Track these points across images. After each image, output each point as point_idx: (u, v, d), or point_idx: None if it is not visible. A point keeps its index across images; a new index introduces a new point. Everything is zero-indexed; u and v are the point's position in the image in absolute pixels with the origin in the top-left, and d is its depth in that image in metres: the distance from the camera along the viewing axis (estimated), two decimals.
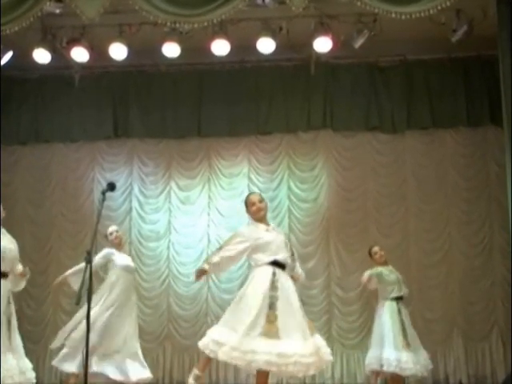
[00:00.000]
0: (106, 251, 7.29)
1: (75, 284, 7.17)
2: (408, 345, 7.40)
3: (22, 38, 7.46)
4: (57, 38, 8.14)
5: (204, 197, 9.42)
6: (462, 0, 6.48)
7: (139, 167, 9.56)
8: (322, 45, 7.94)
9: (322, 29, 7.76)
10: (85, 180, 9.58)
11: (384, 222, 9.08)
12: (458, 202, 9.03)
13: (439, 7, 6.46)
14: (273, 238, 5.74)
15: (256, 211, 5.85)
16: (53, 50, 8.15)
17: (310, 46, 7.95)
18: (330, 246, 9.07)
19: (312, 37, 7.84)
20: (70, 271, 7.26)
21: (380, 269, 7.75)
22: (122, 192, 9.43)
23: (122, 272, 7.26)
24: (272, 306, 5.55)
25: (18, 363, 5.91)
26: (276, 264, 5.65)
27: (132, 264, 7.51)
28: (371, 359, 7.54)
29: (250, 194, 6.23)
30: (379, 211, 9.13)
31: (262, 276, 5.64)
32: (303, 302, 8.92)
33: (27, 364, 6.05)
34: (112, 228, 7.56)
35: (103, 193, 5.22)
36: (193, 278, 5.78)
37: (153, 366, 8.85)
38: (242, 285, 8.88)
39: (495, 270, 8.76)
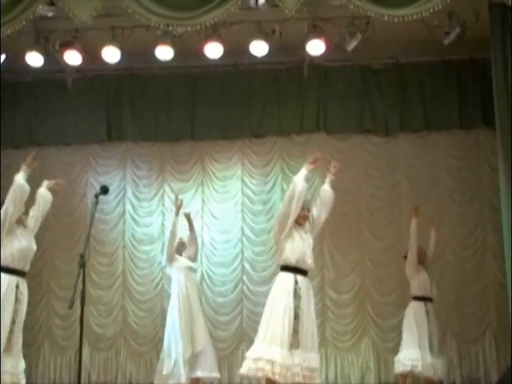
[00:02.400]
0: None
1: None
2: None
3: (14, 42, 7.44)
4: (50, 42, 8.11)
5: (197, 200, 9.42)
6: (454, 3, 6.48)
7: (132, 170, 9.56)
8: (315, 47, 7.93)
9: (315, 32, 7.76)
10: (78, 183, 9.56)
11: (377, 224, 9.09)
12: (451, 205, 9.05)
13: (432, 10, 6.47)
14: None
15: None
16: (46, 54, 8.12)
17: (303, 48, 7.95)
18: (324, 248, 9.07)
19: (305, 40, 7.84)
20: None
21: None
22: (116, 195, 9.42)
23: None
24: (297, 316, 5.64)
25: (12, 364, 5.92)
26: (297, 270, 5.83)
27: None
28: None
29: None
30: (372, 213, 9.14)
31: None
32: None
33: (20, 366, 6.06)
34: None
35: (96, 196, 5.25)
36: None
37: (147, 369, 8.94)
38: (235, 288, 8.98)
39: (488, 272, 8.78)
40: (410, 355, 7.40)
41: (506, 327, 7.17)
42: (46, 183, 6.57)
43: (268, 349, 5.47)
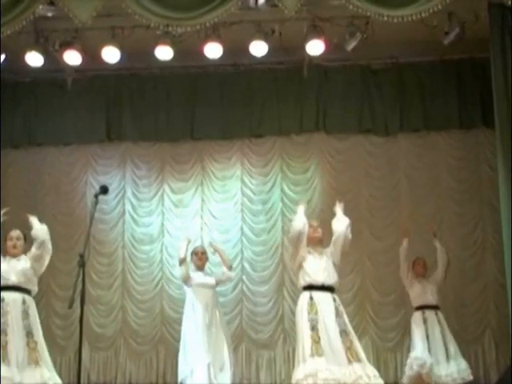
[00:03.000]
0: None
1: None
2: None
3: (14, 42, 7.43)
4: (49, 42, 8.09)
5: (197, 199, 9.42)
6: (453, 3, 6.49)
7: (132, 170, 9.55)
8: (315, 48, 7.92)
9: (315, 32, 7.75)
10: (78, 183, 9.56)
11: (377, 224, 9.09)
12: (451, 205, 9.05)
13: (431, 10, 6.48)
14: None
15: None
16: (45, 54, 8.11)
17: (303, 48, 7.94)
18: (324, 248, 9.05)
19: (304, 40, 7.84)
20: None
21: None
22: (115, 195, 9.41)
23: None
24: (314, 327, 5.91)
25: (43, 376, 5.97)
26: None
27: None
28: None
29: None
30: (372, 214, 9.14)
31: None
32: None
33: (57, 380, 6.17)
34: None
35: (96, 196, 5.24)
36: None
37: (146, 369, 8.93)
38: (235, 287, 8.98)
39: (488, 272, 8.79)
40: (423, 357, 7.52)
41: (506, 327, 7.17)
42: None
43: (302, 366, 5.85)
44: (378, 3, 6.53)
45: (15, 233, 6.48)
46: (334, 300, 6.29)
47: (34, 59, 8.12)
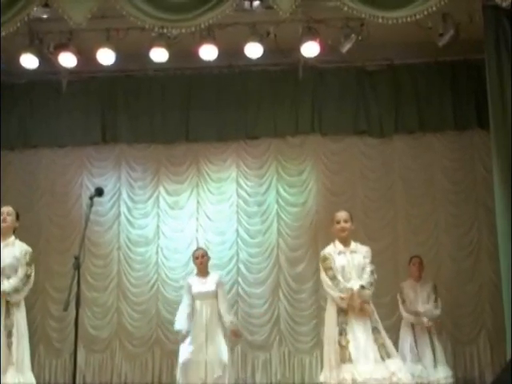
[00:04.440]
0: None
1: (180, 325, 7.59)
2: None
3: (9, 43, 7.42)
4: (44, 43, 8.08)
5: (192, 201, 9.41)
6: (448, 5, 6.50)
7: (127, 172, 9.55)
8: (310, 49, 7.93)
9: (310, 33, 7.76)
10: (73, 185, 9.55)
11: (372, 225, 9.09)
12: (446, 206, 9.07)
13: (426, 12, 6.50)
14: (345, 263, 5.97)
15: (339, 231, 6.11)
16: (40, 55, 8.09)
17: (298, 50, 7.94)
18: (319, 250, 8.99)
19: (299, 41, 7.84)
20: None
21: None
22: (111, 197, 9.41)
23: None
24: (342, 331, 5.79)
25: (19, 379, 5.84)
26: None
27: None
28: None
29: (339, 211, 6.35)
30: (367, 215, 9.14)
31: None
32: (293, 307, 9.08)
33: (28, 380, 5.97)
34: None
35: (91, 198, 5.23)
36: (182, 282, 5.94)
37: (142, 371, 8.93)
38: (230, 289, 8.97)
39: (483, 272, 8.80)
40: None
41: (501, 328, 7.17)
42: None
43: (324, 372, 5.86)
44: (372, 5, 6.55)
45: (6, 208, 6.23)
46: None
47: (29, 61, 8.11)
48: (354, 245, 6.14)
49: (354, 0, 6.56)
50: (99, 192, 5.29)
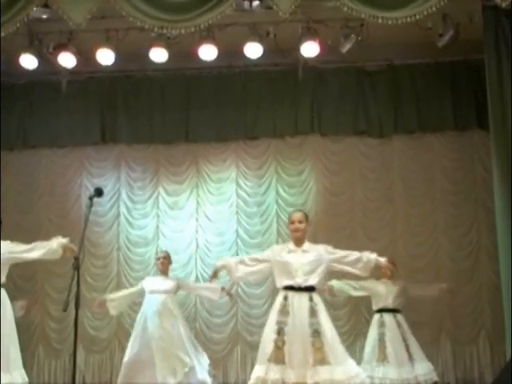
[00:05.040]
0: None
1: (113, 309, 7.72)
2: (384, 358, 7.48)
3: (8, 44, 7.41)
4: (44, 44, 8.09)
5: (192, 202, 9.41)
6: (448, 5, 6.49)
7: (127, 173, 9.55)
8: (310, 49, 7.93)
9: (309, 33, 7.76)
10: (72, 186, 9.55)
11: (371, 226, 9.09)
12: (446, 206, 9.06)
13: (425, 12, 6.49)
14: (293, 260, 5.73)
15: (292, 231, 5.90)
16: (40, 56, 8.10)
17: (298, 50, 7.94)
18: None
19: (299, 41, 7.84)
20: (111, 296, 7.81)
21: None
22: (110, 198, 9.41)
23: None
24: (280, 331, 5.56)
25: (5, 379, 5.80)
26: (290, 288, 5.68)
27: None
28: None
29: (294, 211, 6.20)
30: (367, 215, 9.14)
31: (275, 302, 5.80)
32: None
33: (15, 378, 5.93)
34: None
35: (91, 198, 5.22)
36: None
37: None
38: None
39: (482, 273, 8.80)
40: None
41: (501, 328, 7.16)
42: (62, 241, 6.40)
43: (256, 368, 5.59)
44: (372, 5, 6.54)
45: None
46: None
47: (29, 61, 8.11)
48: (307, 245, 5.89)
49: (353, 0, 6.55)
50: (99, 192, 5.28)
